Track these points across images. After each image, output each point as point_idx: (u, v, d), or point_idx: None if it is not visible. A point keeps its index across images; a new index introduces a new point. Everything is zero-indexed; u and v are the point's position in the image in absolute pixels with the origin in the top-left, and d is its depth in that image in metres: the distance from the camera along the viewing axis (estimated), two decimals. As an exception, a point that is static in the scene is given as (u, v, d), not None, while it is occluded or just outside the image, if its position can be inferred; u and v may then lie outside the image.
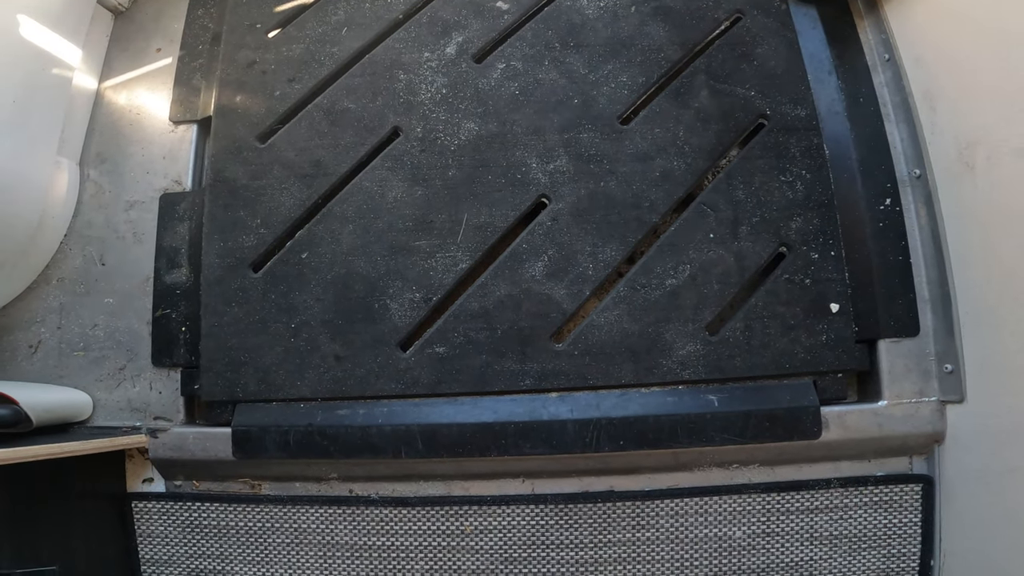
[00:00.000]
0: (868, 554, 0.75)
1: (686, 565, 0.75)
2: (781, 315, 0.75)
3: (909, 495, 0.75)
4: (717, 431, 0.72)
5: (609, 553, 0.75)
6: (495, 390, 0.76)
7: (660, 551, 0.75)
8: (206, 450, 0.77)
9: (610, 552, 0.75)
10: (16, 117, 0.76)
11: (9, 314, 0.82)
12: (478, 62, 0.87)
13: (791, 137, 0.82)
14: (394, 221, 0.80)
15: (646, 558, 0.76)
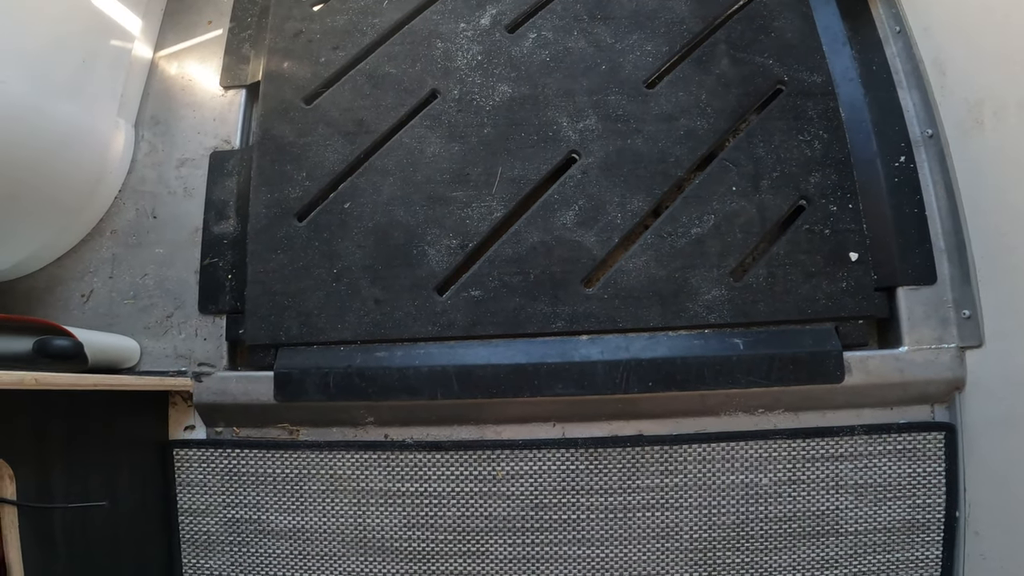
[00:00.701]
0: (893, 504, 0.76)
1: (714, 512, 0.77)
2: (802, 263, 0.78)
3: (932, 443, 0.76)
4: (743, 373, 0.75)
5: (638, 499, 0.77)
6: (528, 332, 0.79)
7: (688, 498, 0.76)
8: (248, 393, 0.79)
9: (639, 498, 0.77)
10: (85, 78, 0.82)
11: (64, 265, 0.86)
12: (511, 32, 0.92)
13: (808, 101, 0.86)
14: (432, 174, 0.84)
15: (674, 505, 0.77)
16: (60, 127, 0.80)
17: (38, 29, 0.76)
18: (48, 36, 0.78)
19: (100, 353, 0.75)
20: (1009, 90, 0.70)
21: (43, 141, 0.77)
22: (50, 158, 0.79)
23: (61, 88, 0.80)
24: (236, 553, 0.80)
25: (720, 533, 0.77)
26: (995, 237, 0.74)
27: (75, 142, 0.82)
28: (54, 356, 0.68)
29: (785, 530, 0.76)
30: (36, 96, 0.76)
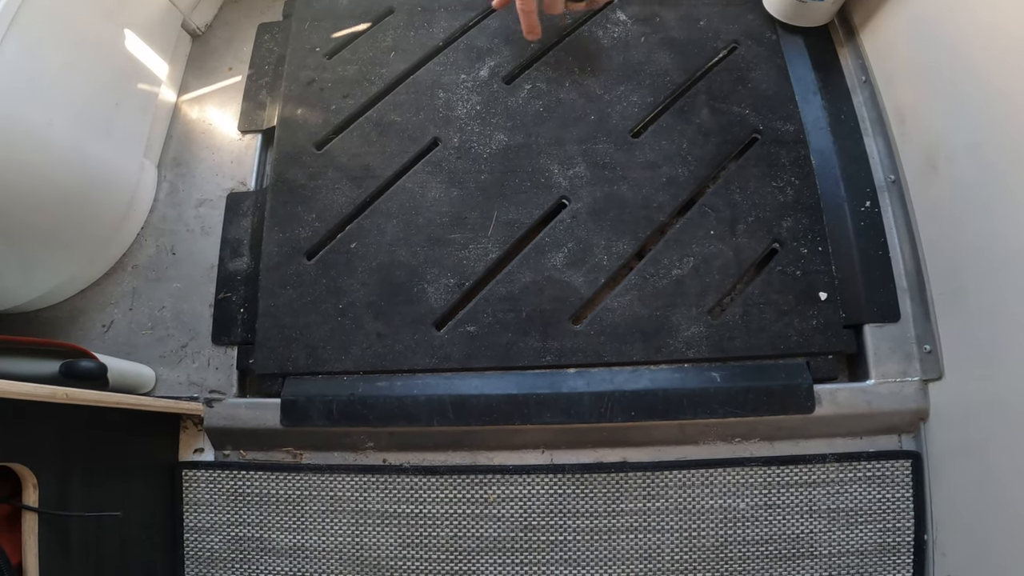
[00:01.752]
0: (864, 528, 0.81)
1: (694, 535, 0.81)
2: (775, 302, 0.84)
3: (900, 470, 0.81)
4: (720, 404, 0.80)
5: (622, 522, 0.82)
6: (519, 365, 0.85)
7: (669, 521, 0.81)
8: (256, 418, 0.85)
9: (623, 521, 0.82)
10: (118, 120, 0.89)
11: (87, 296, 0.92)
12: (508, 83, 0.99)
13: (781, 149, 0.93)
14: (432, 217, 0.90)
15: (656, 527, 0.82)
16: (96, 167, 0.87)
17: (79, 72, 0.83)
18: (88, 79, 0.85)
19: (120, 377, 0.81)
20: (958, 135, 0.77)
21: (81, 180, 0.84)
22: (85, 196, 0.85)
23: (98, 129, 0.87)
24: (238, 570, 0.85)
25: (700, 555, 0.81)
26: (951, 276, 0.80)
27: (107, 181, 0.89)
28: (80, 377, 0.74)
29: (762, 552, 0.81)
30: (77, 137, 0.83)
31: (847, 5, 1.03)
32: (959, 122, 0.76)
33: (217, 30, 1.12)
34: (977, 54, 0.73)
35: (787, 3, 1.00)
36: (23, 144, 0.74)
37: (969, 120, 0.74)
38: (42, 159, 0.77)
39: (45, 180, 0.78)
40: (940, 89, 0.80)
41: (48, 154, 0.78)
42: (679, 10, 1.05)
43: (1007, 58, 0.67)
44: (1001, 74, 0.68)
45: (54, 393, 0.61)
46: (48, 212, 0.80)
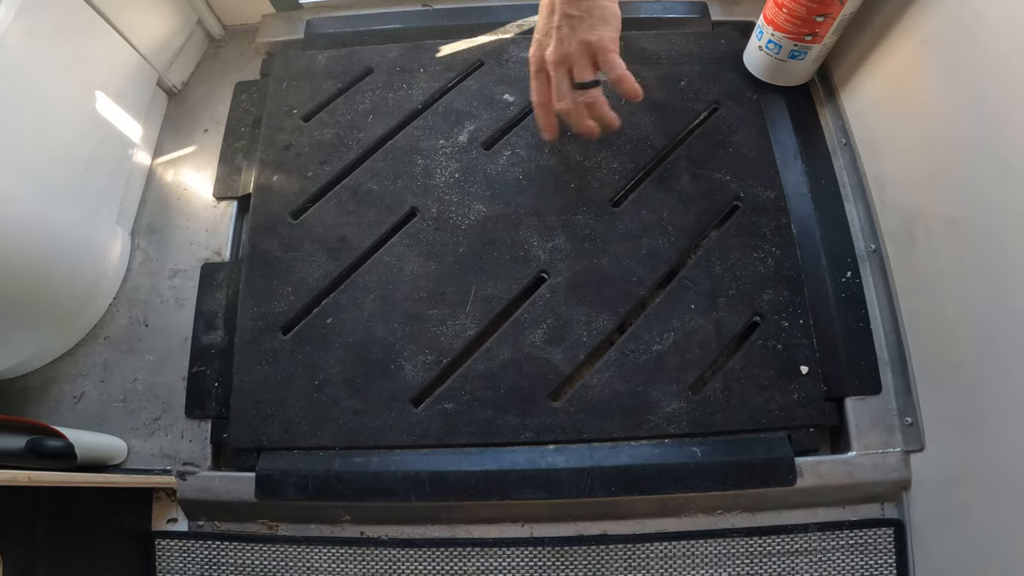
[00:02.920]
0: None
1: (676, 608, 0.82)
2: (756, 376, 0.85)
3: (883, 538, 0.82)
4: (701, 479, 0.81)
5: (603, 595, 0.82)
6: (498, 442, 0.85)
7: (651, 593, 0.81)
8: (230, 492, 0.85)
9: (604, 594, 0.82)
10: (87, 186, 0.90)
11: (57, 367, 0.93)
12: (487, 149, 1.00)
13: (762, 217, 0.94)
14: (410, 292, 0.91)
15: (638, 601, 0.82)
16: (63, 236, 0.87)
17: (43, 137, 0.83)
18: (52, 144, 0.85)
19: (89, 451, 0.81)
20: (937, 207, 0.78)
21: (47, 250, 0.84)
22: (52, 267, 0.85)
23: (64, 196, 0.87)
24: (213, 643, 0.84)
25: (683, 629, 0.82)
26: (930, 348, 0.82)
27: (76, 251, 0.89)
28: (46, 455, 0.75)
29: (746, 625, 0.81)
30: (41, 205, 0.82)
31: (827, 63, 1.05)
32: (938, 193, 0.78)
33: (194, 88, 1.13)
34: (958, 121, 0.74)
35: (767, 62, 1.02)
36: None
37: (947, 193, 0.75)
38: (7, 228, 0.76)
39: (7, 250, 0.77)
40: (917, 157, 0.82)
41: (10, 222, 0.77)
42: (659, 70, 1.06)
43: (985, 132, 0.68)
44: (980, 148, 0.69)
45: (15, 477, 0.62)
46: (12, 283, 0.80)
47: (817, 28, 0.92)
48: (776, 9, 0.93)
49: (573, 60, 0.82)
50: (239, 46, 1.16)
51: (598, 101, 0.86)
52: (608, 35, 0.81)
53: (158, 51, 1.04)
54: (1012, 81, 0.65)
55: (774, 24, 0.95)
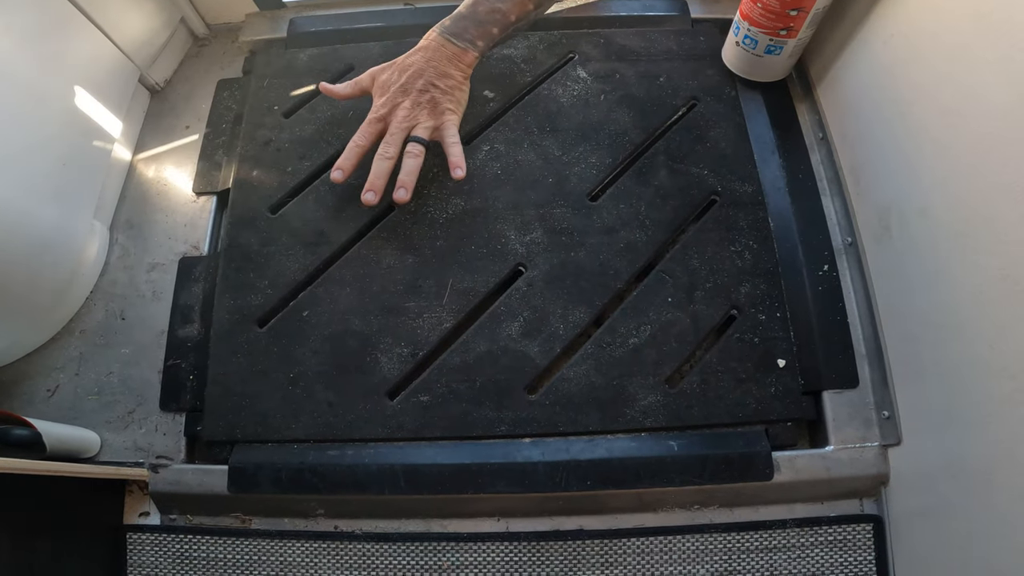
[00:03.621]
0: None
1: (654, 604, 0.81)
2: (733, 370, 0.85)
3: (861, 534, 0.82)
4: (677, 472, 0.81)
5: (579, 591, 0.82)
6: (473, 435, 0.85)
7: (627, 589, 0.81)
8: (203, 484, 0.85)
9: (580, 590, 0.82)
10: (65, 180, 0.90)
11: (31, 361, 0.93)
12: (466, 144, 1.01)
13: (740, 211, 0.95)
14: (387, 285, 0.92)
15: (615, 597, 0.82)
16: (40, 230, 0.87)
17: (20, 132, 0.83)
18: (30, 139, 0.85)
19: (59, 443, 0.81)
20: (910, 198, 0.79)
21: (23, 244, 0.84)
22: (28, 261, 0.86)
23: (42, 191, 0.87)
24: (185, 639, 0.84)
25: (660, 626, 0.81)
26: (906, 341, 0.82)
27: (53, 245, 0.90)
28: (13, 444, 0.75)
29: (723, 622, 0.81)
30: (18, 200, 0.83)
31: (804, 59, 1.06)
32: (909, 184, 0.78)
33: (177, 85, 1.14)
34: (925, 113, 0.75)
35: (744, 57, 1.03)
36: None
37: (918, 183, 0.76)
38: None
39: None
40: (889, 149, 0.83)
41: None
42: (639, 66, 1.08)
43: (954, 120, 0.69)
44: (948, 137, 0.70)
45: None
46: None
47: (791, 22, 0.93)
48: (751, 4, 0.94)
49: (420, 121, 0.90)
50: (223, 44, 1.18)
51: (418, 161, 0.90)
52: (457, 119, 0.93)
53: (140, 48, 1.05)
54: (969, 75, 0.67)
55: (750, 19, 0.96)
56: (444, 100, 0.91)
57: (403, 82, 0.91)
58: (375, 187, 0.89)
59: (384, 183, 0.90)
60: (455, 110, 0.92)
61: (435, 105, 0.91)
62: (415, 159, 0.90)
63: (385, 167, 0.90)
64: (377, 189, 0.89)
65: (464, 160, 0.90)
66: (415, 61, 0.92)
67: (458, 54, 0.92)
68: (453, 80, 0.92)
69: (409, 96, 0.91)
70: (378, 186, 0.89)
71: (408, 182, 0.89)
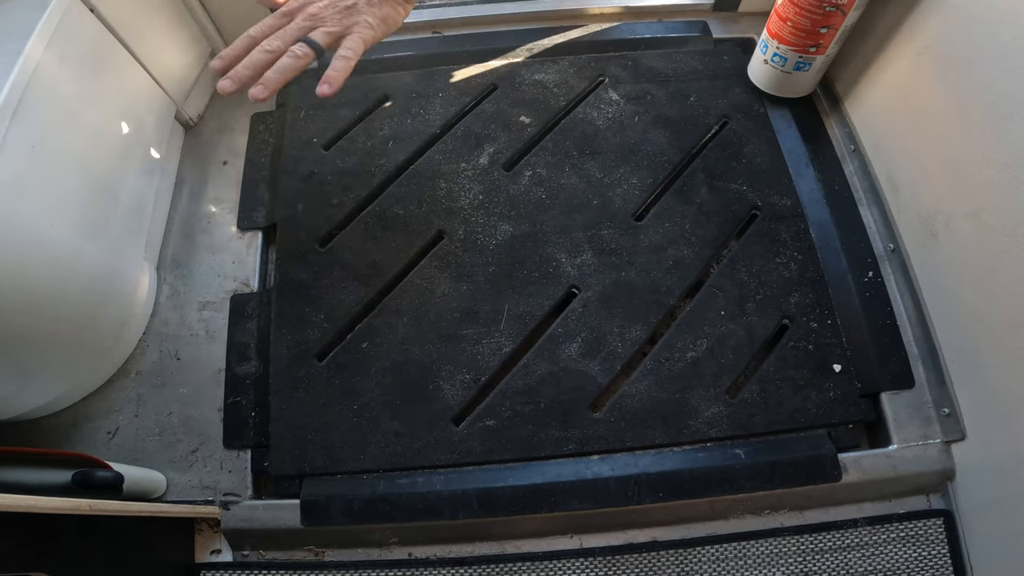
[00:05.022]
0: None
1: (731, 610, 0.85)
2: (791, 377, 0.90)
3: (933, 529, 0.87)
4: (746, 479, 0.85)
5: (657, 602, 0.85)
6: (542, 455, 0.89)
7: (705, 597, 0.84)
8: (275, 519, 0.87)
9: (657, 600, 0.85)
10: (118, 218, 0.93)
11: (89, 404, 0.95)
12: (508, 170, 1.05)
13: (781, 224, 1.00)
14: (443, 313, 0.95)
15: (692, 605, 0.85)
16: (98, 270, 0.89)
17: (80, 168, 0.86)
18: (88, 176, 0.88)
19: (131, 484, 0.83)
20: (956, 203, 0.85)
21: (83, 285, 0.87)
22: (86, 302, 0.88)
23: (99, 230, 0.90)
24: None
25: (741, 628, 0.85)
26: (961, 340, 0.87)
27: (108, 285, 0.92)
28: (96, 487, 0.77)
29: (802, 622, 0.84)
30: (79, 238, 0.85)
31: (829, 75, 1.12)
32: (955, 189, 0.84)
33: (209, 120, 1.17)
34: (968, 119, 0.81)
35: (773, 75, 1.09)
36: (25, 247, 0.76)
37: (965, 187, 0.82)
38: (44, 263, 0.79)
39: (47, 285, 0.80)
40: (930, 157, 0.89)
41: (50, 257, 0.80)
42: (668, 87, 1.13)
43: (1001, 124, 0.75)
44: (996, 140, 0.76)
45: (78, 506, 0.65)
46: (48, 320, 0.82)
47: (821, 39, 0.99)
48: (780, 23, 1.01)
49: (327, 24, 0.78)
50: (252, 79, 1.21)
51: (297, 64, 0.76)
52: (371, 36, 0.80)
53: (176, 84, 1.08)
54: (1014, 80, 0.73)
55: (779, 38, 1.02)
56: (367, 11, 0.78)
57: None
58: (237, 76, 0.74)
59: (250, 76, 0.74)
60: (374, 26, 0.79)
61: (353, 12, 0.78)
62: (294, 60, 0.75)
63: (259, 59, 0.75)
64: (237, 78, 0.74)
65: (341, 79, 0.76)
66: None
67: None
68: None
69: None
70: (241, 76, 0.74)
71: (272, 80, 0.74)
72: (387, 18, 0.81)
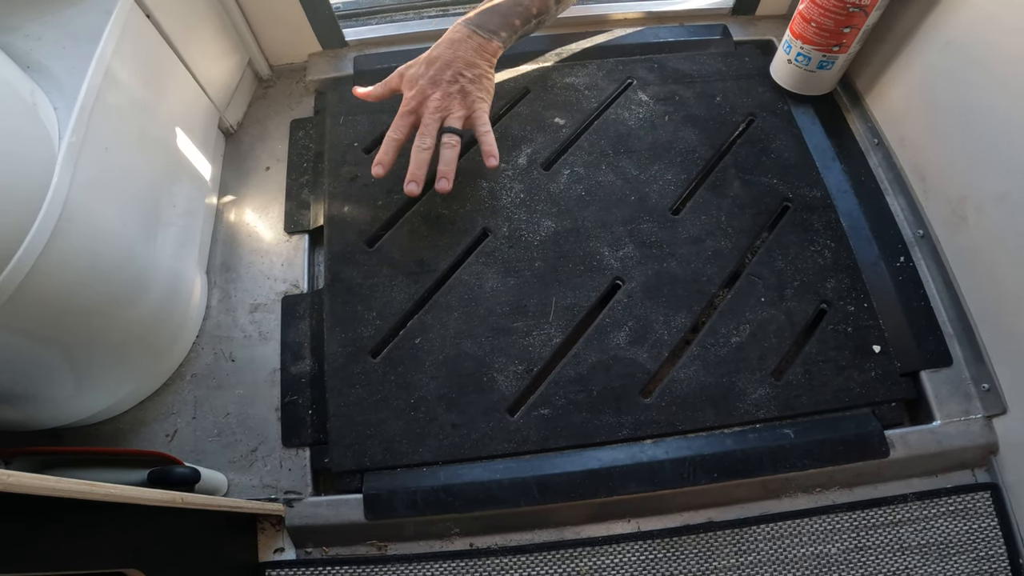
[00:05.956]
0: (958, 559, 0.89)
1: (790, 584, 0.89)
2: (833, 358, 0.95)
3: (981, 502, 0.91)
4: (798, 458, 0.89)
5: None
6: (596, 441, 0.93)
7: (763, 573, 0.89)
8: (338, 515, 0.90)
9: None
10: (176, 224, 0.97)
11: (146, 408, 0.98)
12: (546, 169, 1.10)
13: (812, 215, 1.06)
14: (493, 307, 0.99)
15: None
16: (162, 273, 0.93)
17: (140, 174, 0.90)
18: (151, 180, 0.92)
19: (200, 483, 0.86)
20: (985, 187, 0.91)
21: (150, 286, 0.90)
22: (153, 304, 0.91)
23: (162, 233, 0.94)
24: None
25: (799, 604, 0.89)
26: (998, 318, 0.93)
27: (171, 288, 0.96)
28: (173, 483, 0.80)
29: (862, 593, 0.89)
30: (146, 242, 0.89)
31: (849, 72, 1.19)
32: (983, 174, 0.90)
33: (248, 128, 1.22)
34: (994, 108, 0.87)
35: (796, 74, 1.16)
36: (104, 247, 0.79)
37: (993, 172, 0.88)
38: (119, 263, 0.83)
39: (122, 286, 0.84)
40: (957, 145, 0.95)
41: (124, 258, 0.83)
42: (695, 88, 1.19)
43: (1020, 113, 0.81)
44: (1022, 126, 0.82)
45: (173, 499, 0.67)
46: (121, 320, 0.85)
47: (844, 39, 1.06)
48: (804, 24, 1.07)
49: (452, 112, 0.96)
50: (287, 85, 1.26)
51: (455, 151, 0.97)
52: (487, 107, 0.98)
53: (219, 91, 1.13)
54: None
55: (803, 38, 1.09)
56: (473, 89, 0.96)
57: (431, 74, 0.96)
58: (416, 178, 0.95)
59: (424, 173, 0.96)
60: (484, 99, 0.98)
61: (465, 95, 0.96)
62: (452, 149, 0.96)
63: (424, 158, 0.95)
64: (418, 180, 0.95)
65: (497, 149, 0.96)
66: (441, 53, 0.97)
67: (483, 44, 1.00)
68: (480, 69, 0.97)
69: (439, 88, 0.95)
70: (419, 176, 0.95)
71: (448, 172, 0.95)
72: (487, 87, 0.99)
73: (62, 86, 0.77)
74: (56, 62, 0.79)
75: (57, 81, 0.77)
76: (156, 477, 0.80)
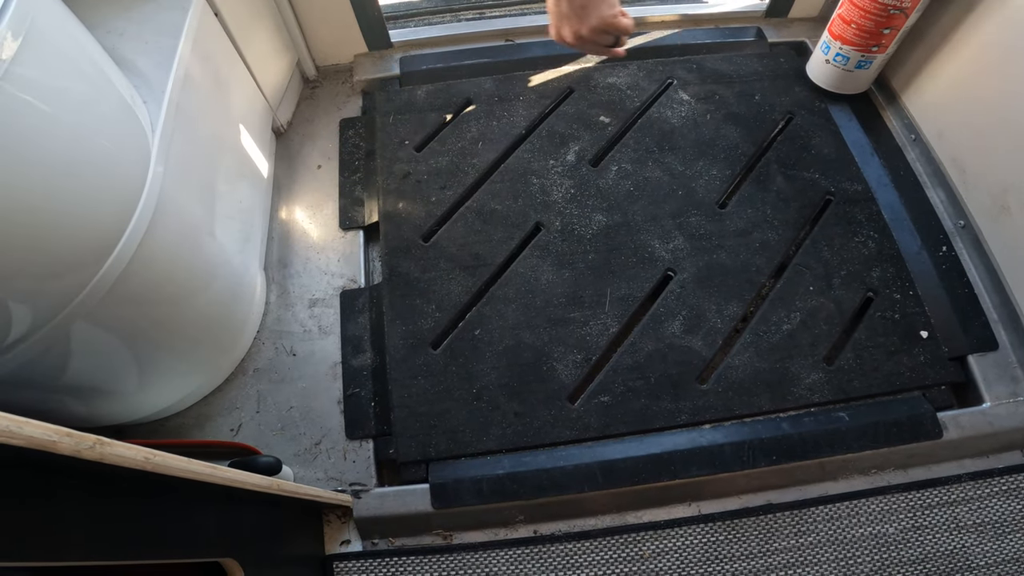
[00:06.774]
0: (1014, 537, 0.93)
1: (850, 563, 0.92)
2: (882, 344, 0.99)
3: (1033, 482, 0.95)
4: (854, 440, 0.94)
5: (776, 560, 0.92)
6: (656, 427, 0.96)
7: (823, 553, 0.92)
8: (405, 505, 0.93)
9: (777, 559, 0.92)
10: (242, 221, 1.01)
11: (210, 403, 1.01)
12: (594, 166, 1.15)
13: (855, 207, 1.11)
14: (550, 298, 1.03)
15: (811, 560, 0.92)
16: (231, 268, 0.97)
17: (212, 170, 0.94)
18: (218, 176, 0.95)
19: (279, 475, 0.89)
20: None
21: (221, 280, 0.94)
22: (222, 299, 0.95)
23: (229, 230, 0.97)
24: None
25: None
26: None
27: (238, 283, 0.99)
28: (261, 470, 0.83)
29: (920, 571, 0.92)
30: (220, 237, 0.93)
31: (884, 72, 1.25)
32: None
33: (298, 127, 1.26)
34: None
35: (835, 73, 1.21)
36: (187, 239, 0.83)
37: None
38: (198, 255, 0.86)
39: (199, 278, 0.87)
40: (998, 138, 1.00)
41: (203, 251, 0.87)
42: (734, 87, 1.24)
43: None
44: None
45: (271, 485, 0.70)
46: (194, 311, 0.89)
47: (883, 39, 1.11)
48: (844, 25, 1.12)
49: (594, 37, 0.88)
50: (333, 86, 1.31)
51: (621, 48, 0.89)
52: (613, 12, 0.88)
53: (272, 91, 1.17)
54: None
55: (842, 39, 1.14)
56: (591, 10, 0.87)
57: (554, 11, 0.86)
58: None
59: None
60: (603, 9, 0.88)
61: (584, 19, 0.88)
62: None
63: None
64: None
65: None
66: None
67: None
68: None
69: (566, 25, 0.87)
70: None
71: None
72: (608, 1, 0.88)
73: (149, 81, 0.80)
74: (141, 57, 0.83)
75: (144, 76, 0.81)
76: (239, 466, 0.82)
